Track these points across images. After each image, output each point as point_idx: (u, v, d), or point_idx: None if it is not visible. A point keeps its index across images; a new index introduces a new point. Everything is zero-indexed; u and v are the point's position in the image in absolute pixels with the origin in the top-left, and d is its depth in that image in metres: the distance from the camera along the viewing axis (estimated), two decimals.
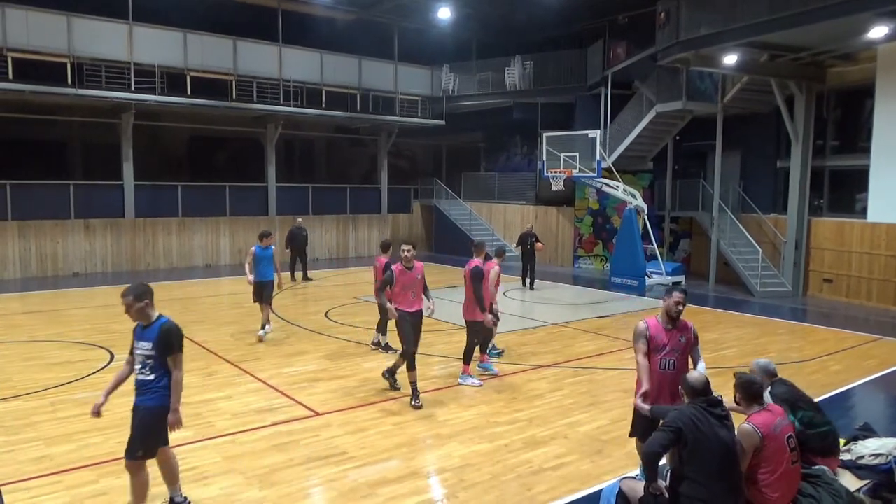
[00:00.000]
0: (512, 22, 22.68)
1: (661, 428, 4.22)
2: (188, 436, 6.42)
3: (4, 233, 16.72)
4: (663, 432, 4.15)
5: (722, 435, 4.14)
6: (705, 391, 4.29)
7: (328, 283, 17.03)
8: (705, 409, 4.19)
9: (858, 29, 12.51)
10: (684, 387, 4.39)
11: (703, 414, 4.16)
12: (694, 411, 4.18)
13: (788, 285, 15.98)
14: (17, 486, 5.31)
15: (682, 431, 4.08)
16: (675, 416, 4.18)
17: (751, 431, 4.28)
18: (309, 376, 8.56)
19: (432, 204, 25.38)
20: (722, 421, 4.20)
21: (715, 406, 4.23)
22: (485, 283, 8.21)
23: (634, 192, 17.78)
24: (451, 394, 7.94)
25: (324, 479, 5.58)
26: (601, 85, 19.89)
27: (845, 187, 16.20)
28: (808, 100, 15.45)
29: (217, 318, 12.23)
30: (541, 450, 6.25)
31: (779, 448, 4.28)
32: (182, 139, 22.11)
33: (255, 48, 19.25)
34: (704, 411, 4.18)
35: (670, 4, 14.72)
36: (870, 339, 11.35)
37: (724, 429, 4.18)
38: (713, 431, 4.10)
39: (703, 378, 4.37)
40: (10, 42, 15.48)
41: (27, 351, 9.69)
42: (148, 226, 18.80)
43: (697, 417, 4.13)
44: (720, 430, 4.15)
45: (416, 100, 22.96)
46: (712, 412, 4.19)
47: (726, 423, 4.23)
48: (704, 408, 4.19)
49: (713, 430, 4.11)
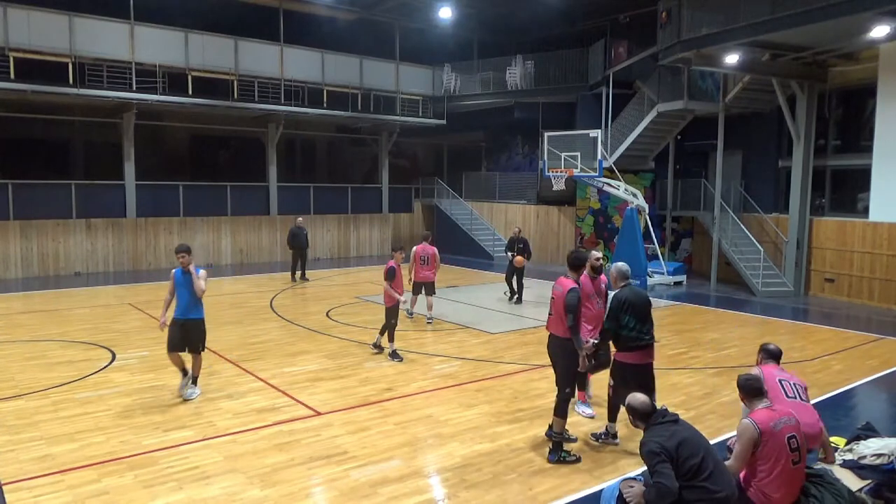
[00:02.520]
0: (513, 21, 22.68)
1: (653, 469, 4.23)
2: (189, 435, 6.44)
3: (6, 232, 16.74)
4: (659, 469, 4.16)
5: (690, 432, 4.35)
6: (653, 410, 4.52)
7: (329, 282, 17.04)
8: (661, 423, 4.40)
9: (860, 28, 12.49)
10: (634, 414, 4.55)
11: (663, 426, 4.37)
12: (656, 431, 4.35)
13: (790, 285, 15.97)
14: (19, 486, 5.32)
15: (667, 450, 4.18)
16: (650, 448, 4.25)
17: (748, 425, 4.38)
18: (310, 376, 8.56)
19: (433, 204, 25.38)
20: (677, 423, 4.42)
21: (665, 415, 4.45)
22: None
23: (636, 192, 17.76)
24: (452, 393, 7.94)
25: (325, 479, 5.58)
26: (602, 84, 19.87)
27: (847, 187, 16.18)
28: (809, 99, 15.43)
29: (218, 318, 12.22)
30: (542, 449, 6.24)
31: (778, 446, 4.30)
32: (183, 139, 22.13)
33: (256, 48, 19.26)
34: (661, 424, 4.38)
35: (672, 4, 14.70)
36: (871, 339, 11.34)
37: (686, 427, 4.41)
38: (681, 431, 4.31)
39: (646, 399, 4.59)
40: (12, 42, 15.50)
41: (29, 350, 9.71)
42: (149, 225, 18.82)
43: (664, 431, 4.31)
44: (684, 429, 4.36)
45: (418, 99, 22.96)
46: (667, 420, 4.41)
47: (682, 423, 4.44)
48: (661, 422, 4.40)
49: (680, 430, 4.32)
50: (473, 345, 10.42)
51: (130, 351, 9.66)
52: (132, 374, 8.50)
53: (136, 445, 6.17)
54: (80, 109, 18.48)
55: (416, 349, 10.08)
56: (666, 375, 8.88)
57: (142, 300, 13.72)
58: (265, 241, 20.99)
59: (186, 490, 5.30)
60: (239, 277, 17.75)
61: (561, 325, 5.97)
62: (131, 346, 9.95)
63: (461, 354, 9.71)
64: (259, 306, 13.39)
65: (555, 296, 6.09)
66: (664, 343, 10.72)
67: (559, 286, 6.06)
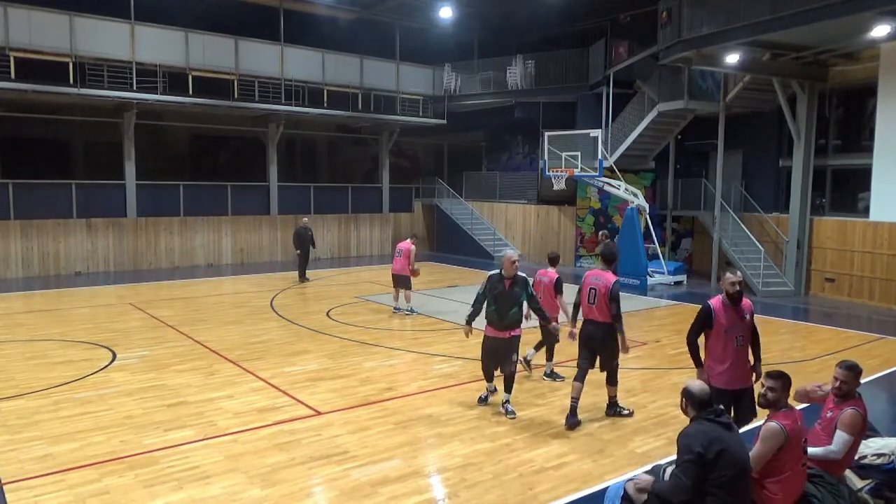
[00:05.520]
0: (513, 21, 22.67)
1: (680, 462, 4.04)
2: (190, 435, 6.44)
3: (7, 232, 16.75)
4: (685, 466, 3.97)
5: (738, 444, 4.08)
6: (711, 402, 4.21)
7: (330, 282, 17.04)
8: (713, 420, 4.10)
9: (861, 28, 12.49)
10: (689, 400, 4.24)
11: (714, 426, 4.07)
12: (704, 427, 4.07)
13: (790, 284, 15.96)
14: (19, 485, 5.32)
15: (703, 455, 3.93)
16: (688, 443, 4.01)
17: (777, 430, 4.20)
18: (310, 375, 8.56)
19: (434, 203, 25.38)
20: (730, 429, 4.13)
21: (720, 416, 4.16)
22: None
23: (636, 192, 17.76)
24: (452, 393, 7.94)
25: (325, 479, 5.58)
26: (603, 84, 19.87)
27: (847, 186, 16.17)
28: (810, 99, 15.42)
29: (219, 318, 12.23)
30: (542, 449, 6.25)
31: (797, 451, 4.26)
32: (184, 138, 22.13)
33: (256, 47, 19.26)
34: (713, 422, 4.09)
35: (672, 3, 14.70)
36: (872, 339, 11.34)
37: (736, 437, 4.12)
38: (729, 440, 4.03)
39: (707, 388, 4.29)
40: (13, 41, 15.50)
41: (30, 350, 9.71)
42: (150, 225, 18.82)
43: (710, 432, 4.03)
44: (733, 438, 4.08)
45: (418, 99, 22.95)
46: (720, 422, 4.11)
47: (735, 432, 4.17)
48: (713, 419, 4.11)
49: (729, 438, 4.03)
50: (474, 344, 10.28)
51: (131, 351, 9.66)
52: (132, 373, 8.50)
53: (136, 445, 6.18)
54: (81, 109, 18.48)
55: (417, 349, 10.09)
56: (666, 375, 8.88)
57: (142, 300, 13.73)
58: (265, 240, 21.00)
59: (187, 490, 5.30)
60: (239, 277, 17.75)
61: (606, 313, 6.77)
62: (132, 346, 9.95)
63: (462, 354, 9.71)
64: (259, 306, 13.39)
65: (597, 287, 6.85)
66: (664, 343, 10.72)
67: (601, 279, 6.85)
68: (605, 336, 6.90)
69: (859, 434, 4.71)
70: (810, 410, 5.55)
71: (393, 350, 10.05)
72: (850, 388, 4.79)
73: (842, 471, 4.77)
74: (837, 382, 4.80)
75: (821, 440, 4.74)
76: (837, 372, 4.82)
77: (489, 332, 7.25)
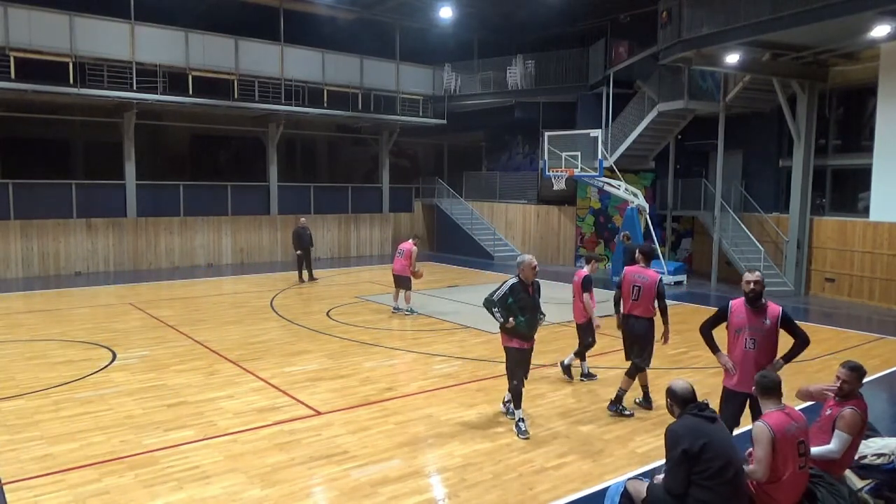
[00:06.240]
0: (513, 21, 22.67)
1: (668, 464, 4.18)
2: (190, 435, 6.44)
3: (7, 232, 16.75)
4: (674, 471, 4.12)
5: (722, 435, 4.20)
6: (694, 397, 4.36)
7: (330, 282, 17.04)
8: (696, 414, 4.25)
9: (861, 28, 12.49)
10: (672, 398, 4.42)
11: (697, 420, 4.22)
12: (688, 421, 4.23)
13: (791, 284, 15.96)
14: (19, 485, 5.32)
15: (687, 452, 4.06)
16: (673, 439, 4.16)
17: (763, 429, 4.26)
18: (310, 375, 8.56)
19: (434, 203, 25.38)
20: (714, 422, 4.25)
21: (704, 409, 4.29)
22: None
23: (636, 192, 17.76)
24: (452, 393, 7.94)
25: (325, 479, 5.58)
26: (603, 84, 19.87)
27: (847, 186, 16.18)
28: (810, 99, 15.42)
29: (219, 318, 12.24)
30: (542, 449, 6.25)
31: (789, 451, 4.26)
32: (184, 138, 22.13)
33: (256, 47, 19.25)
34: (696, 417, 4.23)
35: (672, 3, 14.70)
36: (872, 339, 11.34)
37: (720, 429, 4.25)
38: (713, 432, 4.15)
39: (689, 386, 4.42)
40: (13, 41, 15.50)
41: (30, 350, 9.71)
42: (150, 225, 18.82)
43: (694, 426, 4.17)
44: (717, 431, 4.20)
45: (418, 99, 22.96)
46: (703, 416, 4.24)
47: (719, 424, 4.29)
48: (696, 414, 4.25)
49: (712, 431, 4.16)
50: (474, 344, 10.42)
51: (131, 350, 9.67)
52: (132, 373, 8.50)
53: (136, 445, 6.18)
54: (81, 109, 18.47)
55: (417, 349, 10.09)
56: (666, 375, 8.88)
57: (142, 300, 13.73)
58: (265, 240, 21.00)
59: (187, 490, 5.30)
60: (239, 277, 17.76)
61: (650, 308, 7.31)
62: (132, 346, 9.95)
63: (462, 354, 9.71)
64: (259, 306, 13.39)
65: (641, 284, 7.42)
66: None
67: (645, 276, 7.48)
68: (647, 331, 7.32)
69: (858, 434, 4.71)
70: (810, 410, 5.54)
71: (393, 350, 10.06)
72: (852, 389, 4.79)
73: (842, 471, 4.77)
74: (839, 382, 4.81)
75: (818, 439, 4.74)
76: (840, 371, 4.83)
77: (517, 345, 6.76)
